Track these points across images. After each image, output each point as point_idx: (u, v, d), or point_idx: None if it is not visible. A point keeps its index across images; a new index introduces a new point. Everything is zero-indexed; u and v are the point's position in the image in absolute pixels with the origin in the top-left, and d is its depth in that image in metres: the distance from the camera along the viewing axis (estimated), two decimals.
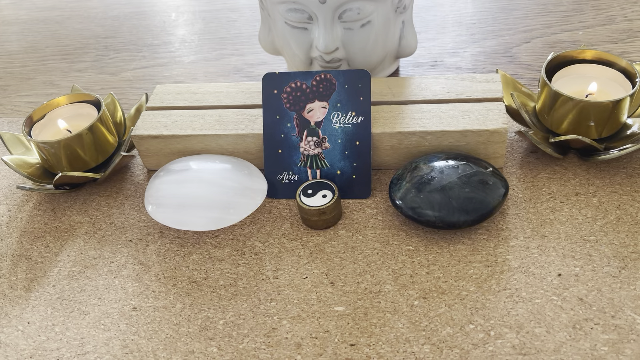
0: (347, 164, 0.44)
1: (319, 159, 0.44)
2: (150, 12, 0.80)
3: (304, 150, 0.44)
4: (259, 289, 0.40)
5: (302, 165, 0.44)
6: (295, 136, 0.44)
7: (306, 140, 0.44)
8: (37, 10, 0.85)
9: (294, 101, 0.44)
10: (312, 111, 0.44)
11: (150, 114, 0.50)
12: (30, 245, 0.46)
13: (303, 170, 0.44)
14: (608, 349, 0.33)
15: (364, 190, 0.44)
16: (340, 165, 0.44)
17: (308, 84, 0.44)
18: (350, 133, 0.44)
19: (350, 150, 0.44)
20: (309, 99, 0.44)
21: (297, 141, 0.44)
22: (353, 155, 0.44)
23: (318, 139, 0.44)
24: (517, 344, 0.34)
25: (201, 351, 0.37)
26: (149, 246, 0.44)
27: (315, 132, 0.44)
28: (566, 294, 0.37)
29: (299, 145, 0.44)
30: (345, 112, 0.43)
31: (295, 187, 0.45)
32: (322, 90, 0.44)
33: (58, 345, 0.38)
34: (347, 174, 0.44)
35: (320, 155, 0.44)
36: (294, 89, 0.44)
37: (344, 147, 0.44)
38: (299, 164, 0.45)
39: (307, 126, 0.44)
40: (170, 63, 0.68)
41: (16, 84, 0.68)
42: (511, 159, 0.47)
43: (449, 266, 0.39)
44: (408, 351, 0.35)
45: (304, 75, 0.44)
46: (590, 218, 0.41)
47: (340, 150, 0.44)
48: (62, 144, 0.47)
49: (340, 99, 0.44)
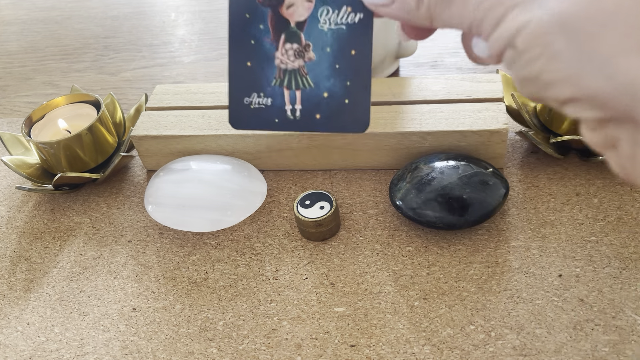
0: (337, 83, 0.32)
1: (300, 76, 0.33)
2: (149, 12, 0.80)
3: (280, 63, 0.32)
4: (258, 290, 0.40)
5: (277, 84, 0.33)
6: (269, 42, 0.32)
7: (284, 49, 0.32)
8: (37, 10, 0.85)
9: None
10: (293, 7, 0.32)
11: (149, 114, 0.50)
12: (30, 246, 0.46)
13: (278, 91, 0.33)
14: (609, 349, 0.33)
15: (359, 120, 0.32)
16: (328, 84, 0.32)
17: None
18: (344, 38, 0.31)
19: (342, 62, 0.32)
20: None
21: (272, 50, 0.32)
22: (346, 69, 0.32)
23: (299, 46, 0.32)
24: (517, 344, 0.34)
25: (201, 352, 0.36)
26: (149, 247, 0.44)
27: (296, 36, 0.32)
28: (567, 295, 0.36)
29: (273, 56, 0.33)
30: (337, 6, 0.31)
31: (267, 114, 0.34)
32: None
33: (57, 346, 0.38)
34: (338, 97, 0.32)
35: (302, 70, 0.32)
36: None
37: (335, 58, 0.32)
38: (273, 83, 0.33)
39: (285, 28, 0.32)
40: (170, 63, 0.68)
41: (15, 84, 0.68)
42: (512, 160, 0.47)
43: (450, 267, 0.39)
44: (408, 352, 0.35)
45: None
46: (591, 218, 0.41)
47: (329, 63, 0.32)
48: (61, 145, 0.47)
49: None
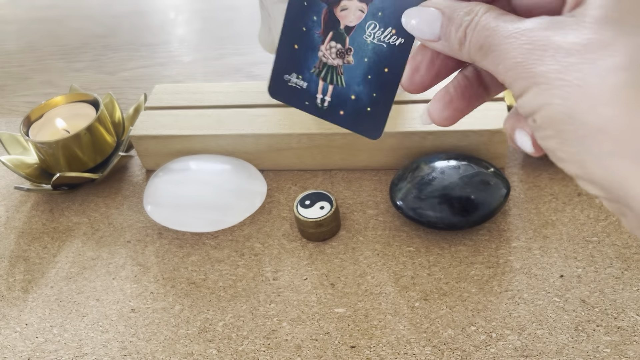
0: (365, 91, 0.36)
1: (336, 73, 0.37)
2: (149, 11, 0.80)
3: (322, 56, 0.36)
4: (258, 291, 0.39)
5: (316, 74, 0.37)
6: (318, 34, 0.36)
7: (328, 45, 0.36)
8: (35, 9, 0.85)
9: None
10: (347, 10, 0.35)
11: (149, 114, 0.49)
12: (28, 246, 0.45)
13: (315, 80, 0.37)
14: (610, 350, 0.33)
15: (374, 129, 0.37)
16: (357, 89, 0.36)
17: None
18: (382, 55, 0.35)
19: (374, 75, 0.36)
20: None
21: (319, 42, 0.36)
22: (376, 82, 0.36)
23: (342, 47, 0.36)
24: (518, 345, 0.34)
25: (200, 353, 0.36)
26: (148, 247, 0.44)
27: (341, 38, 0.36)
28: (568, 296, 0.36)
29: (318, 48, 0.37)
30: (384, 26, 0.34)
31: (300, 94, 0.38)
32: None
33: (56, 347, 0.38)
34: (362, 103, 0.37)
35: (339, 69, 0.36)
36: None
37: (369, 69, 0.36)
38: (312, 71, 0.37)
39: (334, 27, 0.36)
40: (169, 62, 0.67)
41: (14, 83, 0.68)
42: (513, 160, 0.46)
43: (450, 267, 0.39)
44: (409, 353, 0.35)
45: None
46: (593, 219, 0.41)
47: (363, 72, 0.36)
48: (60, 144, 0.47)
49: (384, 8, 0.35)
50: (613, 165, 0.19)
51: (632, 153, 0.18)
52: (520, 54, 0.21)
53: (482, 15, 0.24)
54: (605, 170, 0.19)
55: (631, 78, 0.18)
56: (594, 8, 0.19)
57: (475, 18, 0.24)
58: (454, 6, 0.27)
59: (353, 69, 0.36)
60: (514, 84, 0.22)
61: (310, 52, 0.37)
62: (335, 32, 0.36)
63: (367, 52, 0.36)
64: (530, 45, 0.21)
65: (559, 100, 0.20)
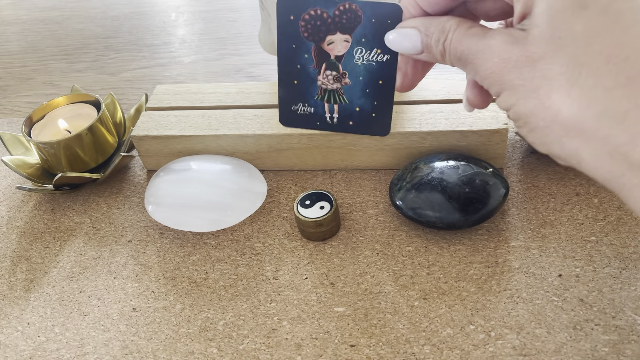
0: (367, 102, 0.40)
1: (338, 94, 0.41)
2: (150, 12, 0.80)
3: (321, 84, 0.40)
4: (258, 290, 0.40)
5: (319, 99, 0.41)
6: (312, 68, 0.40)
7: (324, 74, 0.40)
8: (37, 10, 0.85)
9: (313, 31, 0.39)
10: (333, 44, 0.39)
11: (150, 114, 0.50)
12: (30, 246, 0.46)
13: (320, 104, 0.41)
14: (609, 349, 0.33)
15: (382, 128, 0.41)
16: (359, 102, 0.41)
17: (330, 13, 0.38)
18: (374, 71, 0.39)
19: (371, 88, 0.40)
20: (330, 29, 0.39)
21: (315, 74, 0.40)
22: (374, 93, 0.40)
23: (338, 74, 0.40)
24: (517, 344, 0.34)
25: (201, 352, 0.36)
26: (149, 247, 0.44)
27: (335, 66, 0.40)
28: (567, 295, 0.36)
29: (316, 78, 0.40)
30: (369, 48, 0.38)
31: (311, 118, 0.43)
32: (346, 22, 0.38)
33: (58, 346, 0.38)
34: (367, 111, 0.41)
35: (339, 91, 0.40)
36: (314, 17, 0.39)
37: (366, 85, 0.40)
38: (316, 97, 0.41)
39: (326, 59, 0.40)
40: (170, 63, 0.68)
41: (16, 84, 0.68)
42: (512, 160, 0.47)
43: (450, 267, 0.39)
44: (408, 352, 0.35)
45: (325, 2, 0.39)
46: (591, 219, 0.41)
47: (360, 88, 0.40)
48: (61, 145, 0.47)
49: (366, 34, 0.38)
50: (567, 144, 0.25)
51: (576, 133, 0.25)
52: (492, 66, 0.27)
53: (453, 32, 0.30)
54: (562, 148, 0.25)
55: (567, 80, 0.24)
56: (535, 26, 0.25)
57: (449, 35, 0.30)
58: (427, 24, 0.32)
59: (352, 88, 0.40)
60: (490, 88, 0.28)
61: (310, 84, 0.41)
62: (328, 63, 0.40)
63: (360, 72, 0.40)
64: (497, 58, 0.27)
65: (522, 101, 0.26)
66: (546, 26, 0.25)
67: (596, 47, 0.24)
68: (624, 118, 0.23)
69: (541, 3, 0.25)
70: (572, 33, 0.24)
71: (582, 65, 0.24)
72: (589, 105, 0.24)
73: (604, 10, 0.24)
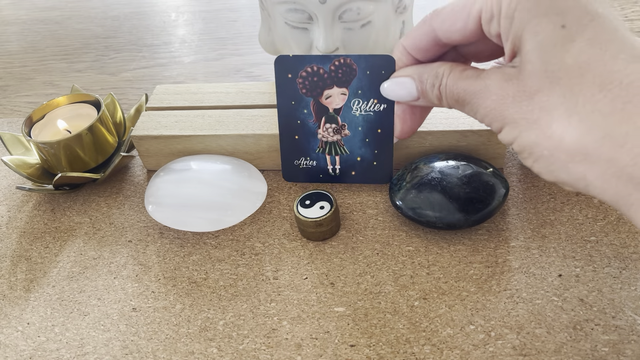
0: (367, 151, 0.42)
1: (338, 146, 0.42)
2: (150, 12, 0.80)
3: (322, 137, 0.42)
4: (259, 290, 0.40)
5: (321, 152, 0.43)
6: (312, 122, 0.42)
7: (324, 127, 0.42)
8: (37, 10, 0.85)
9: (311, 87, 0.41)
10: (331, 98, 0.41)
11: (150, 114, 0.50)
12: (30, 246, 0.46)
13: (322, 157, 0.43)
14: (609, 349, 0.33)
15: (384, 175, 0.43)
16: (360, 152, 0.42)
17: (326, 68, 0.40)
18: (372, 121, 0.41)
19: (371, 137, 0.42)
20: (326, 84, 0.41)
21: (315, 128, 0.42)
22: (374, 142, 0.42)
23: (337, 126, 0.41)
24: (517, 344, 0.34)
25: (201, 352, 0.36)
26: (149, 247, 0.44)
27: (334, 119, 0.42)
28: (567, 295, 0.36)
29: (316, 132, 0.42)
30: (366, 99, 0.40)
31: (313, 172, 0.44)
32: (342, 75, 0.40)
33: (58, 346, 0.38)
34: (368, 160, 0.42)
35: (340, 142, 0.42)
36: (310, 74, 0.40)
37: (365, 134, 0.42)
38: (317, 150, 0.43)
39: (325, 113, 0.42)
40: (170, 63, 0.68)
41: (16, 84, 0.68)
42: (512, 160, 0.47)
43: (449, 267, 0.39)
44: (408, 352, 0.35)
45: (321, 59, 0.40)
46: (591, 218, 0.41)
47: (360, 138, 0.42)
48: (61, 145, 0.47)
49: (362, 86, 0.40)
50: (573, 169, 0.26)
51: (581, 158, 0.25)
52: (490, 103, 0.28)
53: (447, 76, 0.31)
54: (569, 174, 0.26)
55: (566, 109, 0.25)
56: (528, 62, 0.27)
57: (443, 80, 0.31)
58: (420, 71, 0.33)
59: (352, 139, 0.42)
60: (491, 124, 0.29)
61: (311, 138, 0.43)
62: (327, 116, 0.42)
63: (359, 122, 0.41)
64: (495, 96, 0.28)
65: (525, 133, 0.27)
66: (539, 62, 0.26)
67: (589, 77, 0.25)
68: (625, 140, 0.24)
69: (530, 41, 0.26)
70: (565, 66, 0.25)
71: (579, 94, 0.25)
72: (590, 130, 0.25)
73: (591, 42, 0.25)
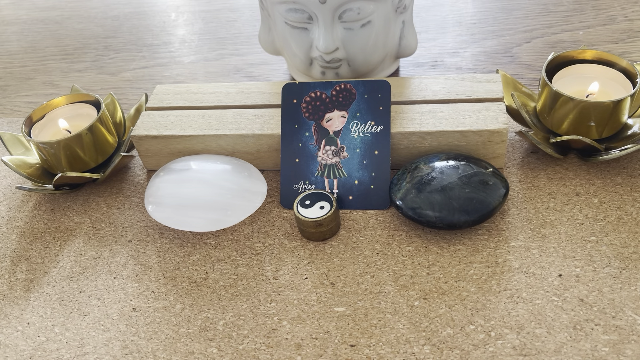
0: (365, 174, 0.44)
1: (337, 169, 0.44)
2: (150, 12, 0.80)
3: (321, 160, 0.44)
4: (259, 290, 0.40)
5: (319, 175, 0.44)
6: (313, 145, 0.44)
7: (324, 150, 0.44)
8: (37, 10, 0.85)
9: (313, 110, 0.44)
10: (331, 120, 0.44)
11: (150, 114, 0.50)
12: (30, 246, 0.46)
13: (320, 180, 0.44)
14: (609, 349, 0.33)
15: (381, 201, 0.44)
16: (358, 174, 0.44)
17: (328, 93, 0.44)
18: (369, 142, 0.43)
19: (368, 159, 0.44)
20: (328, 108, 0.44)
21: (315, 150, 0.44)
22: (371, 164, 0.44)
23: (336, 148, 0.44)
24: (517, 344, 0.34)
25: (201, 352, 0.36)
26: (149, 247, 0.44)
27: (333, 141, 0.44)
28: (567, 295, 0.36)
29: (316, 155, 0.44)
30: (364, 121, 0.43)
31: None
32: (342, 99, 0.44)
33: (58, 346, 0.38)
34: (365, 183, 0.44)
35: (338, 165, 0.44)
36: (314, 99, 0.44)
37: (363, 156, 0.44)
38: (316, 174, 0.44)
39: (325, 135, 0.44)
40: (170, 63, 0.68)
41: (16, 84, 0.68)
42: (511, 159, 0.47)
43: (450, 267, 0.39)
44: (408, 352, 0.35)
45: (323, 85, 0.44)
46: (591, 218, 0.41)
47: (358, 160, 0.44)
48: (61, 144, 0.47)
49: (360, 109, 0.44)
50: None
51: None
52: None
53: None
54: None
55: None
56: None
57: None
58: None
59: (350, 161, 0.44)
60: None
61: (311, 160, 0.44)
62: (327, 138, 0.44)
63: (357, 144, 0.44)
64: None
65: None
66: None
67: None
68: None
69: None
70: None
71: None
72: None
73: None
